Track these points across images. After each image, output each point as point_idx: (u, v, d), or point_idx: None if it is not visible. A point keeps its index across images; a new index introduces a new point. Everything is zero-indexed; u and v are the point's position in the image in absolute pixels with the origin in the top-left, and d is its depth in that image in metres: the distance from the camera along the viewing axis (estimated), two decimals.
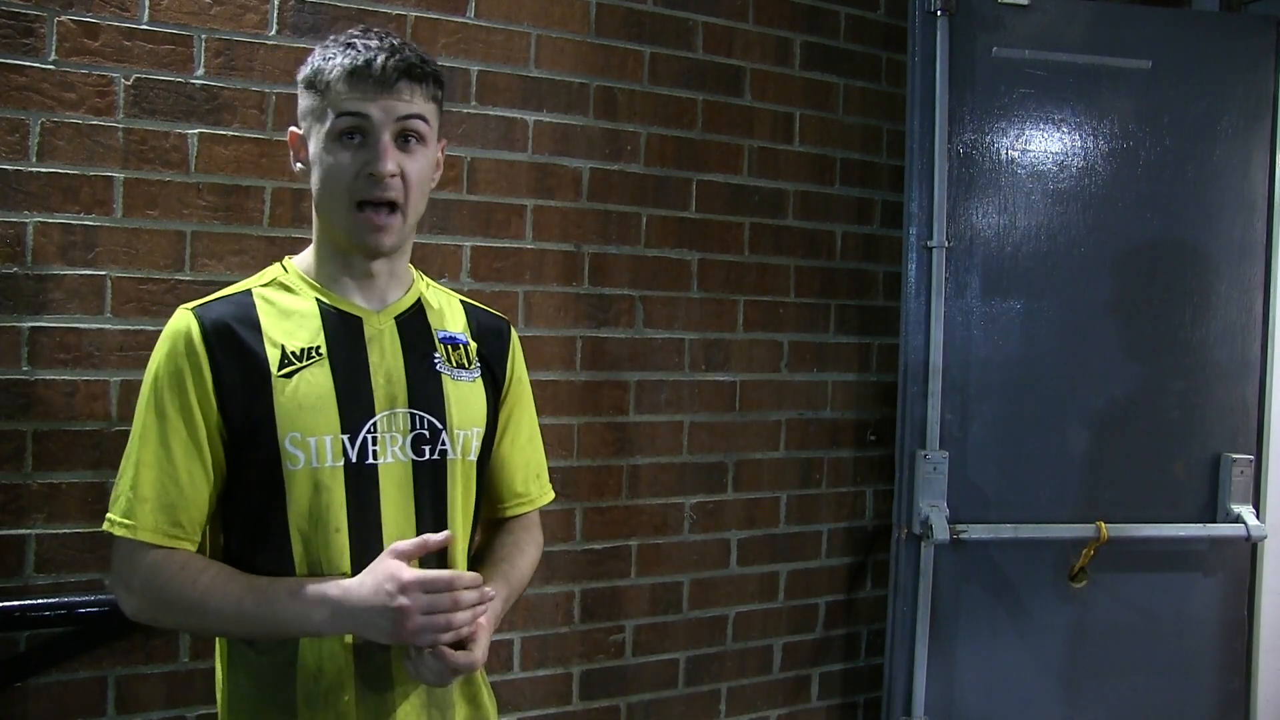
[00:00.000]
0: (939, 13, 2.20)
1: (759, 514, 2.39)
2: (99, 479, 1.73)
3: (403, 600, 1.09)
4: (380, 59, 1.16)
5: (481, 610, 1.15)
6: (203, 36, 1.79)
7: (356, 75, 1.15)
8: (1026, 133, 2.29)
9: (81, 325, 1.72)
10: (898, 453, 2.27)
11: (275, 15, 1.84)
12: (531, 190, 2.09)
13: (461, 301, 1.38)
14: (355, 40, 1.18)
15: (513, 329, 1.41)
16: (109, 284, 1.74)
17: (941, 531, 2.15)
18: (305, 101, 1.21)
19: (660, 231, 2.24)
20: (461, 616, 1.12)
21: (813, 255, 2.43)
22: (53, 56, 1.68)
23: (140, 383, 1.18)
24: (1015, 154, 2.28)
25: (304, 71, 1.20)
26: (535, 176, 2.10)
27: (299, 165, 1.26)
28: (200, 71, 1.79)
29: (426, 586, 1.10)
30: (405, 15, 1.96)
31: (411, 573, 1.11)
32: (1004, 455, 2.28)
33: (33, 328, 1.69)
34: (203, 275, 1.80)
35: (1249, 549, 2.41)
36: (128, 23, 1.73)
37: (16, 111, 1.67)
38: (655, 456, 2.25)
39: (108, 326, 1.74)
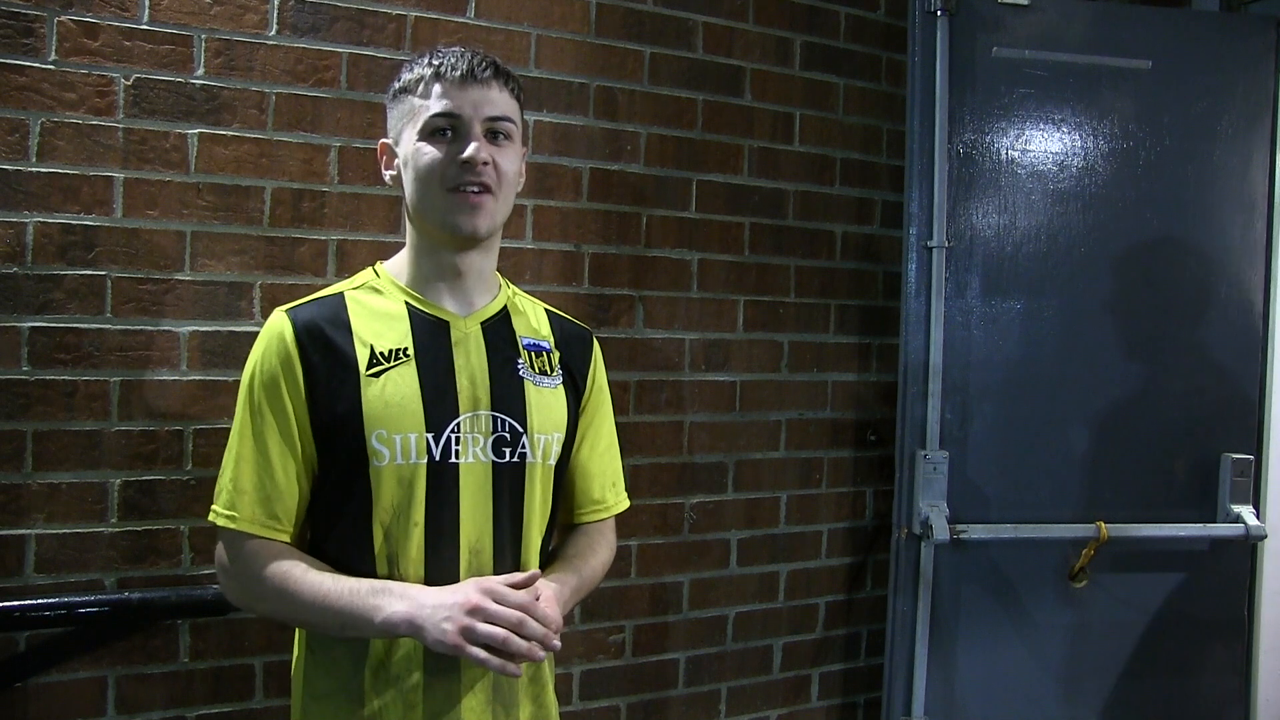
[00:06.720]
0: (939, 13, 2.20)
1: (759, 514, 2.38)
2: (99, 479, 1.73)
3: (475, 598, 1.12)
4: (468, 59, 1.23)
5: (551, 639, 1.15)
6: (203, 36, 1.79)
7: (447, 76, 1.22)
8: (1026, 133, 2.28)
9: (81, 325, 1.72)
10: (898, 453, 2.27)
11: (275, 15, 1.84)
12: (531, 190, 2.09)
13: (546, 310, 1.41)
14: (440, 50, 1.26)
15: (595, 339, 1.45)
16: (109, 284, 1.74)
17: (941, 531, 2.15)
18: (396, 109, 1.27)
19: (660, 231, 2.24)
20: (519, 644, 1.12)
21: (813, 255, 2.43)
22: (53, 56, 1.68)
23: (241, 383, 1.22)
24: (1015, 154, 2.28)
25: (394, 86, 1.28)
26: (535, 176, 2.09)
27: (388, 174, 1.30)
28: (200, 71, 1.79)
29: (499, 597, 1.13)
30: (405, 15, 1.96)
31: (492, 582, 1.16)
32: (1004, 455, 2.28)
33: (33, 328, 1.69)
34: (203, 275, 1.80)
35: (1248, 549, 2.41)
36: (128, 23, 1.73)
37: (16, 111, 1.67)
38: (655, 456, 2.25)
39: (108, 326, 1.74)
